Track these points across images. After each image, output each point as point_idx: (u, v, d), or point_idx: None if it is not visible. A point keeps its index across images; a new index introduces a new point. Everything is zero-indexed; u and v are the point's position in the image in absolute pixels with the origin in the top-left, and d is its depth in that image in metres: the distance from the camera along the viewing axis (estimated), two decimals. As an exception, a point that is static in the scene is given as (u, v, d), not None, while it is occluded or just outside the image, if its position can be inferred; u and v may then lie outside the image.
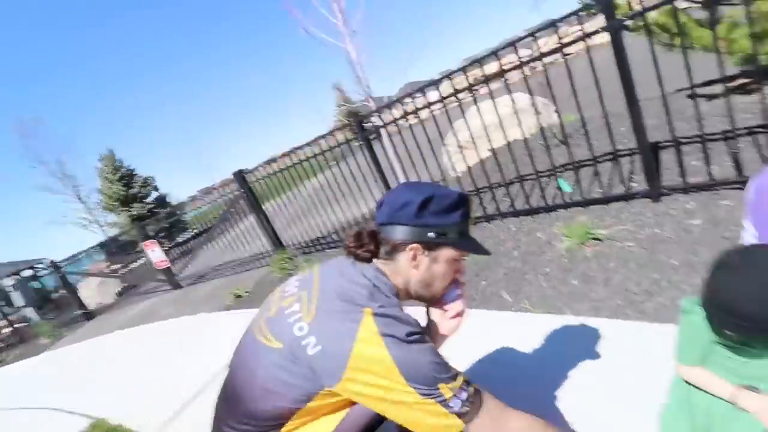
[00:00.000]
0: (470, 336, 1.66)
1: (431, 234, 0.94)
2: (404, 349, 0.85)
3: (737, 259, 0.92)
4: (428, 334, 1.07)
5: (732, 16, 3.17)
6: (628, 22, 2.18)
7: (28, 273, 9.33)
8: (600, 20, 2.22)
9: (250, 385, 0.94)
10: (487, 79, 2.79)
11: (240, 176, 4.82)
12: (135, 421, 2.65)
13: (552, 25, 2.44)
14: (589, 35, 2.29)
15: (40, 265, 9.10)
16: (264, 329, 0.96)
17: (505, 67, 2.69)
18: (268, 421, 0.93)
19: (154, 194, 17.79)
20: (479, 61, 2.75)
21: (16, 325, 9.23)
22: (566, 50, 2.37)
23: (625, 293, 1.86)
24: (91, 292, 8.65)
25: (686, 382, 1.11)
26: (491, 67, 2.87)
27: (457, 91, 2.96)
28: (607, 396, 1.36)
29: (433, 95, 3.13)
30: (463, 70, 2.88)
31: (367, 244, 0.97)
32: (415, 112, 3.28)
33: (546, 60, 2.46)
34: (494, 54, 2.69)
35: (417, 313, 1.02)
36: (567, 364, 1.52)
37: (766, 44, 2.84)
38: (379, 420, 1.01)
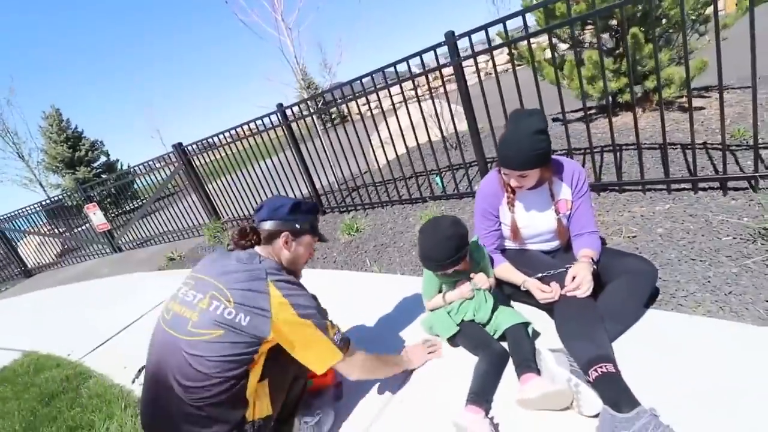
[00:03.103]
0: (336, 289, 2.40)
1: (297, 226, 1.43)
2: (298, 299, 1.26)
3: (424, 226, 1.64)
4: None
5: (590, 57, 3.99)
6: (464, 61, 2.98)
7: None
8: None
9: (199, 375, 1.17)
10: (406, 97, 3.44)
11: (180, 149, 5.22)
12: (64, 351, 3.17)
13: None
14: (437, 68, 3.01)
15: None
16: (194, 332, 1.21)
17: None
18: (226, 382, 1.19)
19: (103, 159, 17.34)
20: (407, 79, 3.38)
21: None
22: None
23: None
24: (31, 252, 8.66)
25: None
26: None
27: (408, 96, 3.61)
28: (402, 318, 2.09)
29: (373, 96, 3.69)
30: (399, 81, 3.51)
31: (250, 235, 1.40)
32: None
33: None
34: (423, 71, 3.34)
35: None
36: (378, 306, 2.25)
37: (596, 85, 3.68)
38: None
